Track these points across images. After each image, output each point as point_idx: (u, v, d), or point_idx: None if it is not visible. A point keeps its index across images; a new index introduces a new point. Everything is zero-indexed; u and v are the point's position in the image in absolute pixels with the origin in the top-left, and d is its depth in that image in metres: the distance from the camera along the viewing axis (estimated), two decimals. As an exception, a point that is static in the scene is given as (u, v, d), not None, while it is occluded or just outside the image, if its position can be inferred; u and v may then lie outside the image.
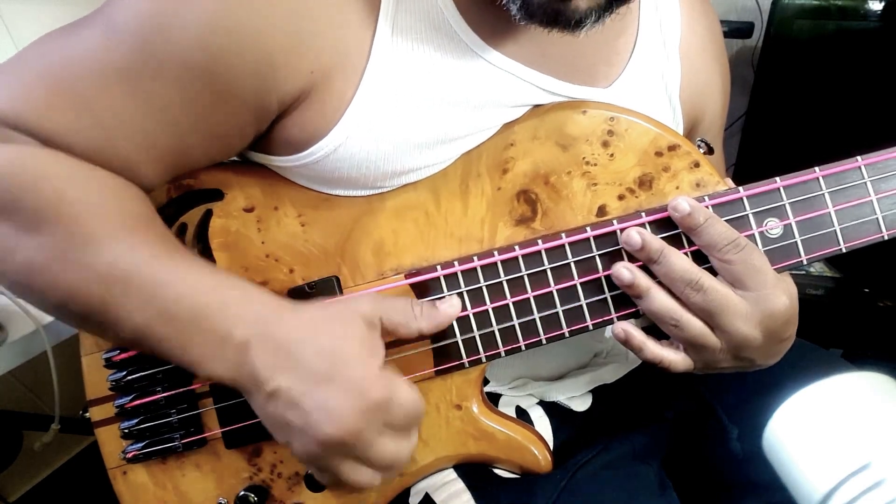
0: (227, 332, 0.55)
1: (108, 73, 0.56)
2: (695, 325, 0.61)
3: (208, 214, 0.67)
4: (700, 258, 0.62)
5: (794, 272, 0.65)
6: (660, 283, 0.62)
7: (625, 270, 0.62)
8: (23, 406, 1.57)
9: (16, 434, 1.48)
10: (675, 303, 0.61)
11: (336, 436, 0.53)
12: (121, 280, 0.56)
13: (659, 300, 0.61)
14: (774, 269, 0.61)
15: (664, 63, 0.73)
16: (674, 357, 0.63)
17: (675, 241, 0.63)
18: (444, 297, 0.65)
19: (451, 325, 0.65)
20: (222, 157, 0.66)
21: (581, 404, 0.81)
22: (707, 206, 0.62)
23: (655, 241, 0.61)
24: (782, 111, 1.83)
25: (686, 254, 0.63)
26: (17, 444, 1.48)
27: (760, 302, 0.59)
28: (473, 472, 0.72)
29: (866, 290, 1.63)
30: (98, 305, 0.56)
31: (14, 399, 1.57)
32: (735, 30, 1.87)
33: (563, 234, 0.64)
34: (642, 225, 0.63)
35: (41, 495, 1.71)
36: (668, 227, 0.63)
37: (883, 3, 1.65)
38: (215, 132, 0.61)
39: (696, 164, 0.65)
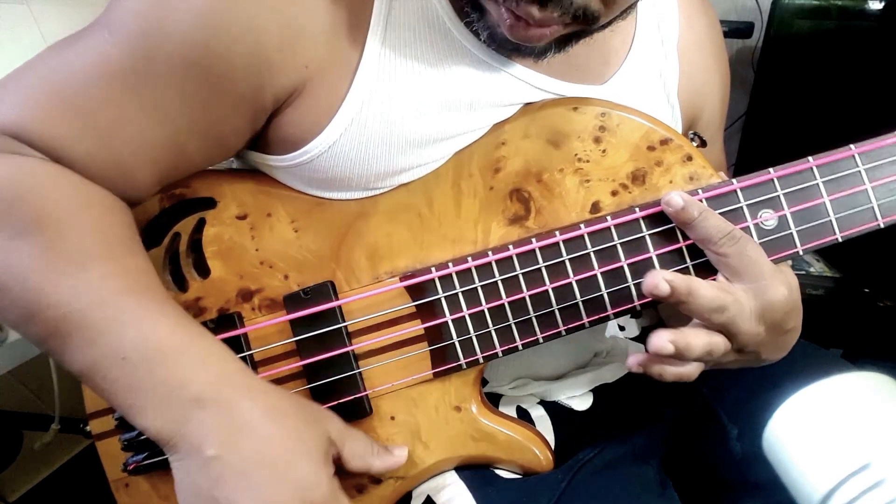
0: (179, 384, 0.52)
1: (105, 76, 0.57)
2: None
3: (201, 223, 0.67)
4: (695, 252, 0.62)
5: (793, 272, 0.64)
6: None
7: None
8: (23, 406, 1.57)
9: (16, 434, 1.48)
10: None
11: None
12: (79, 311, 0.54)
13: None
14: (771, 261, 0.60)
15: (662, 61, 0.73)
16: (691, 369, 0.61)
17: (669, 236, 0.63)
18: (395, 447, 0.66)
19: (448, 326, 0.65)
20: (220, 157, 0.66)
21: (582, 404, 0.80)
22: (701, 199, 0.61)
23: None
24: (782, 111, 1.83)
25: (681, 248, 0.62)
26: (17, 444, 1.48)
27: (759, 294, 0.59)
28: (474, 473, 0.71)
29: (866, 290, 1.62)
30: (52, 332, 0.54)
31: (14, 399, 1.57)
32: (735, 30, 1.87)
33: (557, 232, 0.64)
34: (636, 220, 0.63)
35: (41, 495, 1.71)
36: (662, 221, 0.62)
37: (883, 3, 1.65)
38: (212, 130, 0.61)
39: (689, 158, 0.64)
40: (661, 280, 0.57)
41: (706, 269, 0.62)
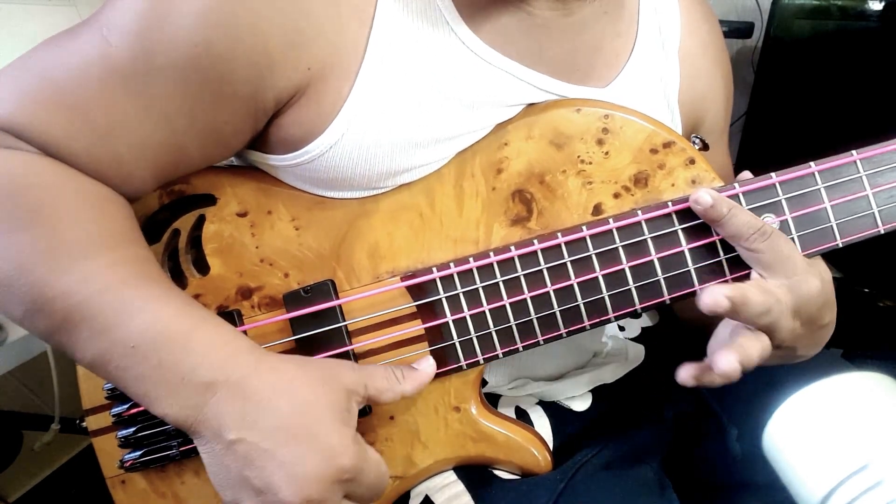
0: (189, 370, 0.53)
1: (104, 75, 0.56)
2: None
3: (201, 220, 0.67)
4: (697, 256, 0.62)
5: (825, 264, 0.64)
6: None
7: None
8: (23, 406, 1.57)
9: (16, 434, 1.49)
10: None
11: (295, 502, 0.51)
12: (85, 301, 0.54)
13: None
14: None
15: (663, 65, 0.73)
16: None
17: (671, 239, 0.63)
18: (420, 359, 0.65)
19: (449, 326, 0.65)
20: (220, 157, 0.65)
21: (581, 404, 0.80)
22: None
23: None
24: (782, 111, 1.83)
25: (683, 252, 0.62)
26: (17, 444, 1.49)
27: (793, 289, 0.58)
28: (473, 473, 0.71)
29: (866, 290, 1.62)
30: (60, 324, 0.54)
31: (14, 399, 1.57)
32: (735, 30, 1.87)
33: (558, 234, 0.64)
34: (638, 223, 0.63)
35: (41, 495, 1.72)
36: (664, 225, 0.63)
37: (883, 3, 1.64)
38: (212, 131, 0.61)
39: (692, 161, 0.64)
40: (721, 297, 0.55)
41: (710, 274, 0.62)
